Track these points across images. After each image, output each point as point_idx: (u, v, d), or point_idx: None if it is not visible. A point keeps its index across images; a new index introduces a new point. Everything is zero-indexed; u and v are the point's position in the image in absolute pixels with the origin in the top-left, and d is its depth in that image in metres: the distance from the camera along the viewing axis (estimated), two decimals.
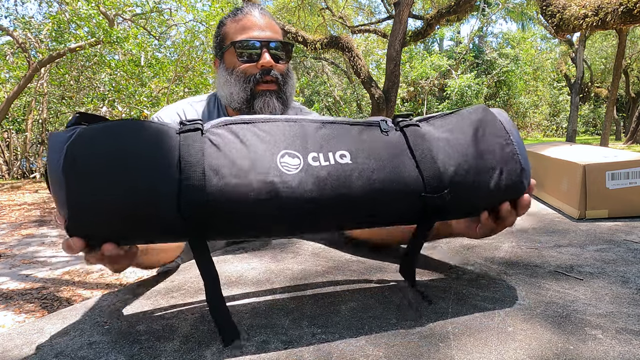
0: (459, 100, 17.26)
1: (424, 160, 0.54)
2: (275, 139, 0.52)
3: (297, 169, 0.50)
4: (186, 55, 8.83)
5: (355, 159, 0.52)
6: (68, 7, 6.77)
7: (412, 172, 0.53)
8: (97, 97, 8.83)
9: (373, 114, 6.57)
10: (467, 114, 0.60)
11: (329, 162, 0.51)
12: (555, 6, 4.54)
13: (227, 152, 0.50)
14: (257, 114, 0.97)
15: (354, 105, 15.90)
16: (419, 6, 11.27)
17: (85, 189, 0.47)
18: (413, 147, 0.55)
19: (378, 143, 0.55)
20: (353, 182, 0.51)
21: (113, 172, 0.47)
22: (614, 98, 10.63)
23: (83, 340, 0.55)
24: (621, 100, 19.13)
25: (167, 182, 0.47)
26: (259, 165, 0.49)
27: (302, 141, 0.52)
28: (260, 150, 0.50)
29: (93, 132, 0.49)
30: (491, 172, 0.57)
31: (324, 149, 0.52)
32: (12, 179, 9.02)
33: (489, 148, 0.57)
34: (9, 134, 9.38)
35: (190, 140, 0.49)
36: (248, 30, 0.97)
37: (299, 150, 0.52)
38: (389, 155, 0.54)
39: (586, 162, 1.04)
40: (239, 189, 0.48)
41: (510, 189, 0.58)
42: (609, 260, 0.77)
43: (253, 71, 0.96)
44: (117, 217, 0.48)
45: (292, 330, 0.55)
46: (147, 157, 0.48)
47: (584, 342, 0.49)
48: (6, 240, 4.24)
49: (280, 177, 0.49)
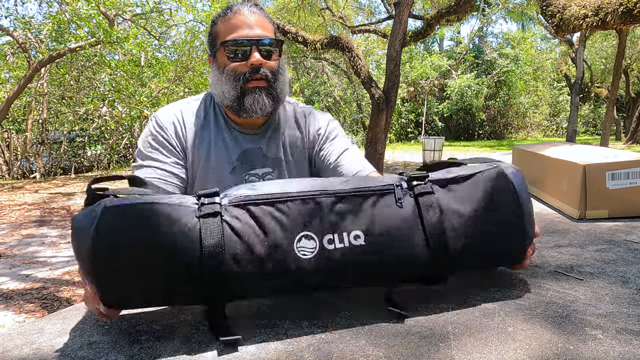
0: (459, 100, 17.26)
1: (434, 236, 0.57)
2: (292, 223, 0.54)
3: (313, 253, 0.54)
4: (186, 55, 8.83)
5: (368, 238, 0.56)
6: (68, 7, 6.76)
7: (423, 248, 0.57)
8: (97, 97, 8.82)
9: (373, 113, 6.57)
10: (482, 181, 0.62)
11: (344, 245, 0.55)
12: (555, 6, 4.54)
13: (247, 239, 0.53)
14: (247, 111, 0.97)
15: (354, 105, 15.90)
16: (419, 6, 11.27)
17: (112, 281, 0.51)
18: (425, 222, 0.58)
19: (391, 221, 0.57)
20: (365, 260, 0.55)
21: (138, 263, 0.51)
22: (614, 98, 10.63)
23: (83, 340, 0.55)
24: (621, 100, 19.13)
25: (188, 271, 0.51)
26: (279, 253, 0.53)
27: (318, 221, 0.55)
28: (279, 237, 0.54)
29: (115, 221, 0.51)
30: (497, 246, 0.61)
31: (338, 229, 0.55)
32: (12, 179, 9.02)
33: (499, 221, 0.60)
34: (9, 134, 9.37)
35: (210, 227, 0.52)
36: (237, 29, 0.98)
37: (316, 232, 0.55)
38: (401, 233, 0.57)
39: (586, 162, 1.04)
40: (256, 275, 0.53)
41: (513, 257, 0.64)
42: (609, 260, 0.77)
43: (243, 69, 0.98)
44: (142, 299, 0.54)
45: (292, 330, 0.55)
46: (168, 248, 0.51)
47: (584, 342, 0.49)
48: (6, 240, 4.24)
49: (296, 263, 0.53)
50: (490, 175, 0.62)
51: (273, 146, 1.07)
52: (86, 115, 9.99)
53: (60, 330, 0.58)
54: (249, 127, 1.06)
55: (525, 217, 0.61)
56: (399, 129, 17.58)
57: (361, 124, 15.19)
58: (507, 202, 0.61)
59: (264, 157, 1.06)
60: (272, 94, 1.00)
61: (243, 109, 0.98)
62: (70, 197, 6.50)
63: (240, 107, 0.98)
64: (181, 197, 0.56)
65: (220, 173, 1.02)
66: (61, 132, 10.42)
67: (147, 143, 1.02)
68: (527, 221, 0.61)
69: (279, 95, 1.02)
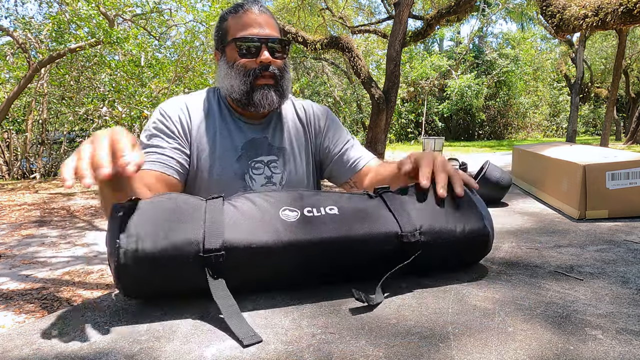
0: (459, 100, 17.27)
1: (399, 213, 0.67)
2: (278, 200, 0.67)
3: (295, 218, 0.64)
4: (186, 55, 8.83)
5: (341, 210, 0.66)
6: (68, 7, 6.76)
7: (390, 220, 0.66)
8: (97, 97, 8.82)
9: (373, 114, 6.57)
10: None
11: (321, 213, 0.65)
12: (555, 6, 4.54)
13: (241, 208, 0.64)
14: (256, 105, 1.03)
15: (354, 105, 15.90)
16: (419, 6, 11.27)
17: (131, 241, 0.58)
18: (390, 205, 0.68)
19: (361, 203, 0.69)
20: (341, 226, 0.64)
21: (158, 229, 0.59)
22: (614, 98, 10.63)
23: (83, 340, 0.55)
24: (621, 101, 19.14)
25: (195, 232, 0.60)
26: (266, 215, 0.63)
27: (299, 201, 0.67)
28: (266, 206, 0.65)
29: (145, 202, 0.63)
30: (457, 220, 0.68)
31: (316, 205, 0.67)
32: (12, 179, 9.02)
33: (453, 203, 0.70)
34: (9, 134, 9.37)
35: (214, 203, 0.65)
36: (248, 27, 1.02)
37: (297, 207, 0.66)
38: (371, 210, 0.67)
39: (586, 162, 1.04)
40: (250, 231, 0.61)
41: (473, 234, 0.69)
42: (609, 260, 0.77)
43: (252, 66, 1.02)
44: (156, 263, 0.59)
45: (292, 330, 0.55)
46: (185, 216, 0.62)
47: (584, 342, 0.49)
48: (6, 240, 4.24)
49: (282, 224, 0.63)
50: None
51: (278, 136, 1.12)
52: (86, 116, 9.99)
53: (60, 330, 0.58)
54: (253, 117, 1.11)
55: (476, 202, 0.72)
56: (399, 129, 17.58)
57: (361, 124, 15.19)
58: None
59: (269, 146, 1.11)
60: (279, 90, 1.05)
61: (252, 104, 1.03)
62: (70, 197, 6.50)
63: (250, 102, 1.03)
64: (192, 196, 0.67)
65: (227, 160, 1.06)
66: (61, 133, 10.42)
67: (148, 132, 1.05)
68: (479, 203, 0.72)
69: (285, 92, 1.08)
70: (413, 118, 17.36)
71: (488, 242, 0.70)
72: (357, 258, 0.65)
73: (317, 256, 0.63)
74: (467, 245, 0.68)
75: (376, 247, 0.64)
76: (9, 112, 7.87)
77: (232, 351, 0.50)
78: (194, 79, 9.01)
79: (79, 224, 4.90)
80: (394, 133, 17.15)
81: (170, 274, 0.59)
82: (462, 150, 12.87)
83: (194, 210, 0.62)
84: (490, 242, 0.71)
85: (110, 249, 0.58)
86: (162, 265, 0.58)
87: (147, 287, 0.61)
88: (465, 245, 0.68)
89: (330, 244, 0.62)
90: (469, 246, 0.69)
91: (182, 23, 8.87)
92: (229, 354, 0.50)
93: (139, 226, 0.59)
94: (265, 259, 0.61)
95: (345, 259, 0.64)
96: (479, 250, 0.71)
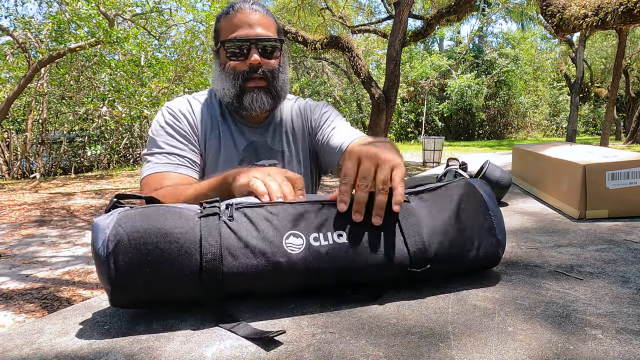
0: (459, 100, 17.26)
1: (411, 236, 0.61)
2: (282, 222, 0.59)
3: (300, 249, 0.58)
4: (186, 55, 8.82)
5: (351, 238, 0.60)
6: (68, 7, 6.75)
7: (401, 248, 0.61)
8: (97, 97, 8.82)
9: (373, 113, 6.57)
10: (452, 189, 0.68)
11: (328, 242, 0.59)
12: (555, 6, 4.54)
13: (241, 235, 0.58)
14: (247, 109, 1.00)
15: (354, 105, 15.90)
16: (419, 6, 11.26)
17: (124, 278, 0.55)
18: (402, 225, 0.62)
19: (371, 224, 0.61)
20: (350, 258, 0.59)
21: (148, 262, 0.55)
22: (614, 98, 10.63)
23: (83, 340, 0.55)
24: (621, 100, 19.12)
25: (191, 261, 0.56)
26: (269, 248, 0.57)
27: (306, 221, 0.60)
28: (270, 234, 0.58)
29: (130, 219, 0.57)
30: (470, 245, 0.64)
31: (324, 230, 0.60)
32: (12, 179, 9.01)
33: (469, 223, 0.65)
34: (9, 134, 9.37)
35: (209, 224, 0.58)
36: (237, 28, 0.99)
37: (303, 232, 0.59)
38: (382, 236, 0.61)
39: (586, 162, 1.04)
40: (251, 268, 0.57)
41: (487, 259, 0.66)
42: (609, 260, 0.77)
43: (242, 68, 0.99)
44: (151, 291, 0.57)
45: (292, 330, 0.55)
46: (175, 243, 0.56)
47: (584, 342, 0.49)
48: (6, 240, 4.24)
49: (286, 257, 0.57)
50: (459, 184, 0.69)
51: (277, 139, 1.11)
52: (86, 115, 9.99)
53: (60, 330, 0.58)
54: (253, 120, 1.09)
55: (493, 218, 0.67)
56: (399, 128, 17.58)
57: (361, 124, 15.19)
58: (475, 207, 0.67)
59: (269, 149, 1.10)
60: (272, 92, 1.02)
61: (242, 107, 1.01)
62: (70, 197, 6.50)
63: (240, 105, 1.01)
64: (188, 206, 0.62)
65: (230, 164, 1.05)
66: (61, 132, 10.41)
67: (162, 131, 1.02)
68: (497, 226, 0.67)
69: (279, 93, 1.04)
70: (413, 118, 17.35)
71: (498, 262, 0.69)
72: (364, 280, 0.63)
73: (321, 281, 0.61)
74: (477, 266, 0.67)
75: (385, 274, 0.62)
76: (9, 112, 7.86)
77: (232, 351, 0.50)
78: (194, 79, 9.01)
79: (79, 224, 4.90)
80: (394, 133, 17.15)
81: (166, 297, 0.59)
82: (462, 150, 12.87)
83: (186, 241, 0.56)
84: (500, 260, 0.69)
85: (103, 286, 0.57)
86: (156, 297, 0.58)
87: (141, 303, 0.60)
88: (475, 266, 0.67)
89: (336, 273, 0.60)
90: (479, 267, 0.68)
91: (182, 23, 8.86)
92: (229, 354, 0.50)
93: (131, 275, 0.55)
94: (266, 287, 0.60)
95: (350, 281, 0.62)
96: (486, 267, 0.71)
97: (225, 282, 0.56)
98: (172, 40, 10.27)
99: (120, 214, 0.57)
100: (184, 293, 0.57)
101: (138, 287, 0.56)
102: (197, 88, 8.87)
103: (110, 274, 0.55)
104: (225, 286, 0.57)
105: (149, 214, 0.57)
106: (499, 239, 0.66)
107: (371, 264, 0.60)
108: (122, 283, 0.55)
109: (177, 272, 0.55)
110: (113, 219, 0.57)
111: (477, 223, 0.66)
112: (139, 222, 0.56)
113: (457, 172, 1.18)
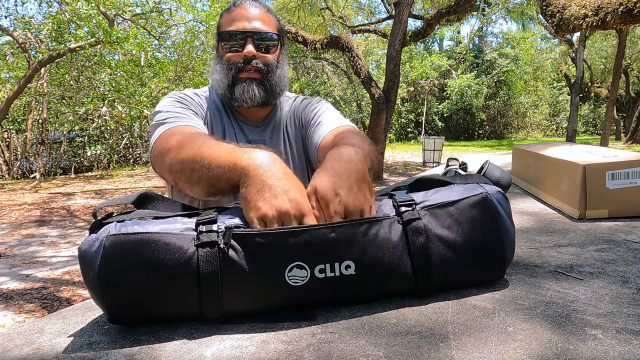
0: (459, 100, 17.26)
1: (421, 260, 0.60)
2: (285, 251, 0.56)
3: (304, 281, 0.56)
4: (186, 55, 8.82)
5: (359, 269, 0.57)
6: (68, 7, 6.75)
7: (408, 277, 0.60)
8: (97, 97, 8.82)
9: (373, 113, 6.57)
10: (467, 207, 0.63)
11: (334, 274, 0.57)
12: (555, 6, 4.54)
13: (240, 267, 0.55)
14: (238, 100, 0.98)
15: (354, 105, 15.90)
16: (419, 6, 11.26)
17: (117, 304, 0.55)
18: (412, 253, 0.60)
19: (381, 250, 0.59)
20: (358, 288, 0.59)
21: (141, 289, 0.54)
22: (614, 98, 10.63)
23: (83, 340, 0.55)
24: (621, 100, 19.13)
25: (190, 296, 0.55)
26: (270, 280, 0.56)
27: (311, 250, 0.56)
28: (272, 266, 0.56)
29: (119, 250, 0.54)
30: (478, 267, 0.64)
31: (330, 260, 0.57)
32: (12, 179, 9.01)
33: (481, 247, 0.62)
34: (9, 134, 9.37)
35: (207, 255, 0.55)
36: (236, 22, 1.01)
37: (307, 262, 0.56)
38: (391, 262, 0.59)
39: (586, 162, 1.04)
40: (252, 302, 0.57)
41: (490, 275, 0.66)
42: (609, 260, 0.77)
43: (236, 59, 1.00)
44: (150, 317, 0.57)
45: (292, 330, 0.55)
46: (169, 274, 0.54)
47: (584, 342, 0.49)
48: (6, 240, 4.24)
49: (288, 289, 0.56)
50: (476, 201, 0.64)
51: (275, 139, 1.11)
52: (86, 115, 10.00)
53: (60, 330, 0.58)
54: (252, 118, 1.09)
55: (506, 245, 0.64)
56: (399, 128, 17.57)
57: (361, 124, 15.18)
58: (490, 229, 0.63)
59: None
60: (265, 85, 1.01)
61: (234, 98, 1.01)
62: (70, 197, 6.50)
63: (232, 96, 1.01)
64: (183, 224, 0.58)
65: None
66: (61, 132, 10.42)
67: (170, 107, 0.98)
68: (508, 247, 0.64)
69: (273, 88, 1.03)
70: (413, 118, 17.35)
71: (502, 277, 0.69)
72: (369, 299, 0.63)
73: (318, 303, 0.61)
74: (478, 281, 0.67)
75: (390, 295, 0.63)
76: (9, 112, 7.86)
77: (232, 351, 0.50)
78: (194, 79, 9.02)
79: (79, 224, 4.90)
80: (394, 133, 17.15)
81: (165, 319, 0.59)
82: (462, 150, 12.87)
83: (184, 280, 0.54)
84: (504, 276, 0.69)
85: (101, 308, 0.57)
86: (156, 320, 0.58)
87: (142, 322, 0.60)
88: (477, 282, 0.67)
89: (342, 301, 0.61)
90: (480, 282, 0.68)
91: (182, 23, 8.87)
92: (229, 354, 0.50)
93: (130, 308, 0.55)
94: (263, 309, 0.59)
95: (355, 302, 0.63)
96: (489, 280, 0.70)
97: (224, 310, 0.56)
98: (172, 40, 10.28)
99: (108, 240, 0.54)
100: (183, 318, 0.58)
101: (137, 318, 0.57)
102: (197, 88, 8.86)
103: (107, 305, 0.55)
104: (225, 314, 0.57)
105: (139, 243, 0.54)
106: (507, 257, 0.65)
107: (375, 293, 0.61)
108: (119, 317, 0.56)
109: (175, 310, 0.56)
110: (100, 249, 0.54)
111: (490, 246, 0.63)
112: (130, 258, 0.54)
113: (457, 172, 1.18)
